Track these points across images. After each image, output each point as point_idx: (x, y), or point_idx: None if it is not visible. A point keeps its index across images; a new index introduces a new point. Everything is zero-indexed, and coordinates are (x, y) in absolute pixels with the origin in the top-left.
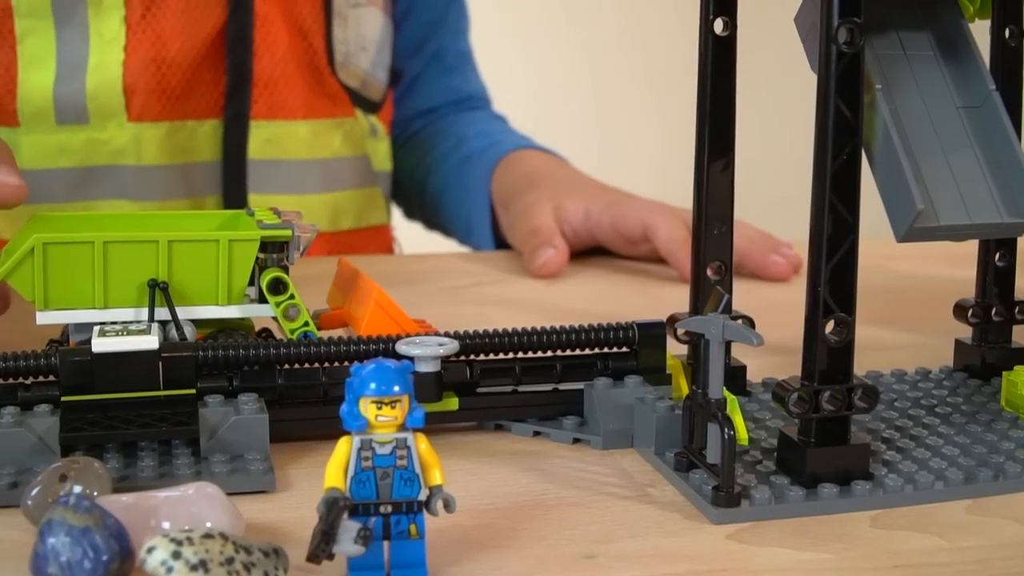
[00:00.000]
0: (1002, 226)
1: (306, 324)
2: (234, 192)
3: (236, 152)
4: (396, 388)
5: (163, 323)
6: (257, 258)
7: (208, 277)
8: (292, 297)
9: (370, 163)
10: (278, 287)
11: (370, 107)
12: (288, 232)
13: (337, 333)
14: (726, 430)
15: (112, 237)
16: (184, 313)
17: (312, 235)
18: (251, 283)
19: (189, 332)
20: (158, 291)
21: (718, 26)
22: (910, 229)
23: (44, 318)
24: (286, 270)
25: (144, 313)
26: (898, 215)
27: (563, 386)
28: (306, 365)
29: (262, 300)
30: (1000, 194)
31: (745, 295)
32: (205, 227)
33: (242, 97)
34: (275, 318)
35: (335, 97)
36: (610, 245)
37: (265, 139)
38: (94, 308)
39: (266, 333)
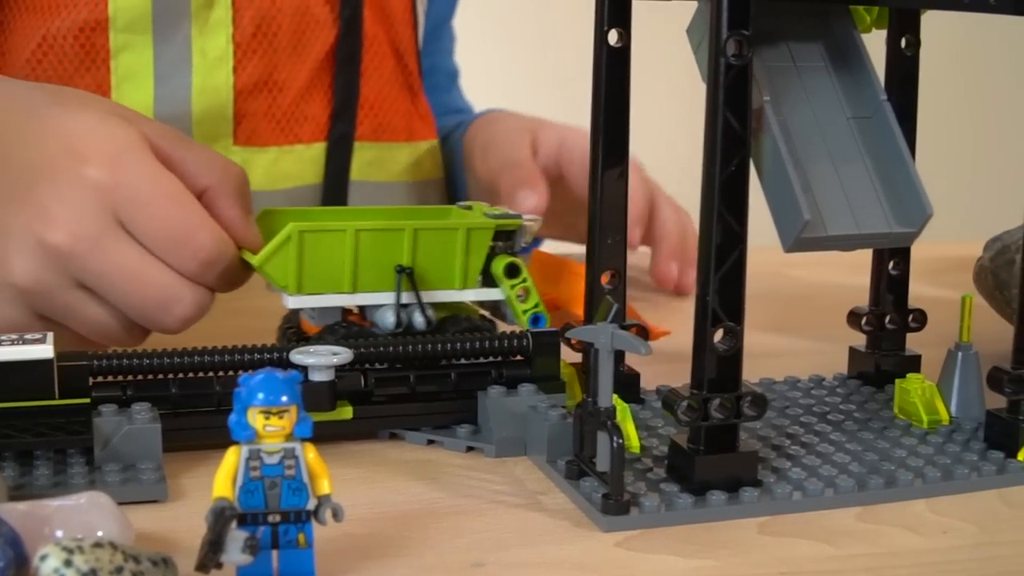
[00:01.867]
0: (891, 236)
1: (536, 306)
2: None
3: (338, 174)
4: (284, 398)
5: (404, 306)
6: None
7: (447, 263)
8: (524, 280)
9: (444, 184)
10: (513, 271)
11: None
12: (518, 221)
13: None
14: (615, 438)
15: (364, 225)
16: (425, 297)
17: (537, 224)
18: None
19: (431, 315)
20: (404, 276)
21: (612, 37)
22: (797, 239)
23: (295, 302)
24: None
25: (390, 297)
26: (786, 225)
27: (458, 395)
28: (200, 374)
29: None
30: (889, 204)
31: (644, 302)
32: (427, 218)
33: (348, 119)
34: (499, 304)
35: (426, 118)
36: (575, 179)
37: (367, 161)
38: (343, 292)
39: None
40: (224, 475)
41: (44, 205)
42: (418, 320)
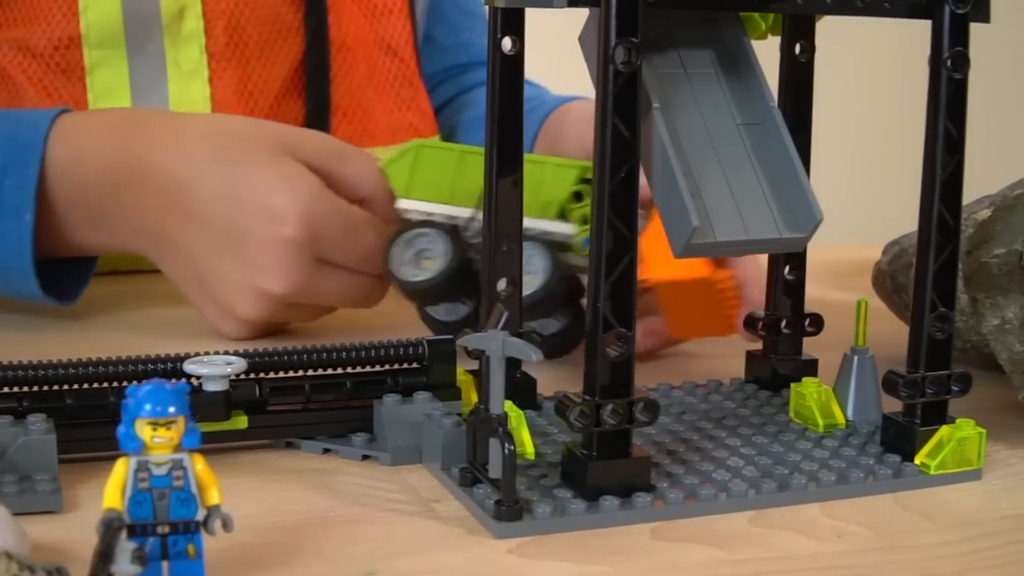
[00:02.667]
0: (781, 241)
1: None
2: None
3: None
4: (171, 409)
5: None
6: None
7: (532, 194)
8: (584, 206)
9: None
10: (578, 197)
11: None
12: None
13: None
14: (506, 445)
15: (468, 149)
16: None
17: None
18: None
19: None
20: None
21: (506, 44)
22: (687, 245)
23: (403, 204)
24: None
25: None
26: (675, 231)
27: (353, 403)
28: (95, 385)
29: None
30: (779, 209)
31: None
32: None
33: (322, 127)
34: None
35: (425, 114)
36: None
37: None
38: (442, 203)
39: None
40: (113, 486)
41: (256, 260)
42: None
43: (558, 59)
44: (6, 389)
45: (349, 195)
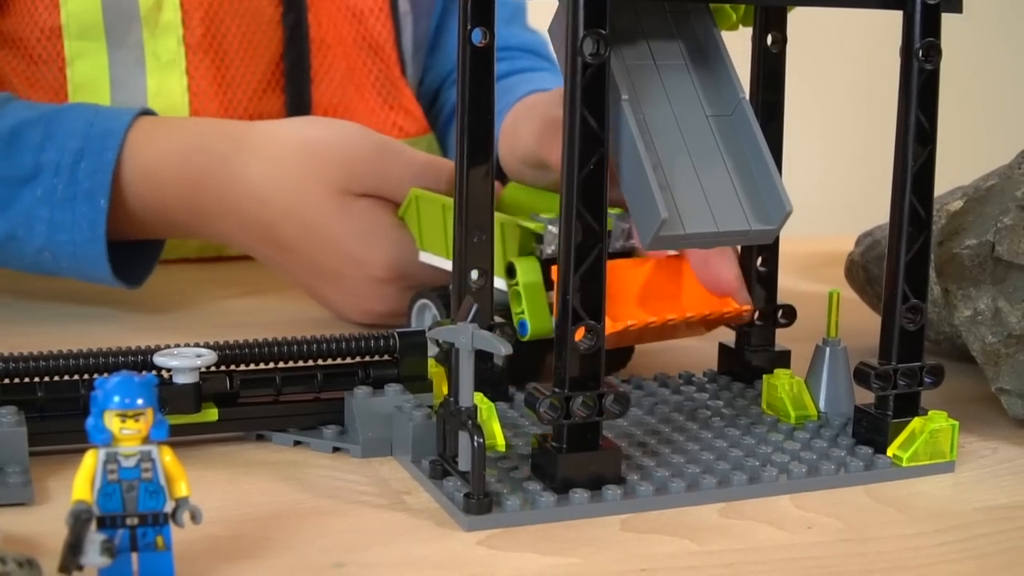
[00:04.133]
0: (750, 233)
1: (521, 312)
2: None
3: None
4: (140, 401)
5: None
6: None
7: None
8: (515, 284)
9: None
10: (510, 271)
11: None
12: (541, 226)
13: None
14: (475, 438)
15: (449, 202)
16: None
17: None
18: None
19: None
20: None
21: (476, 36)
22: (655, 237)
23: (422, 256)
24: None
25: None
26: (644, 223)
27: (324, 395)
28: (66, 377)
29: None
30: (748, 202)
31: None
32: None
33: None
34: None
35: (409, 113)
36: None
37: None
38: (443, 257)
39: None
40: (83, 478)
41: (355, 291)
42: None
43: None
44: None
45: (392, 200)
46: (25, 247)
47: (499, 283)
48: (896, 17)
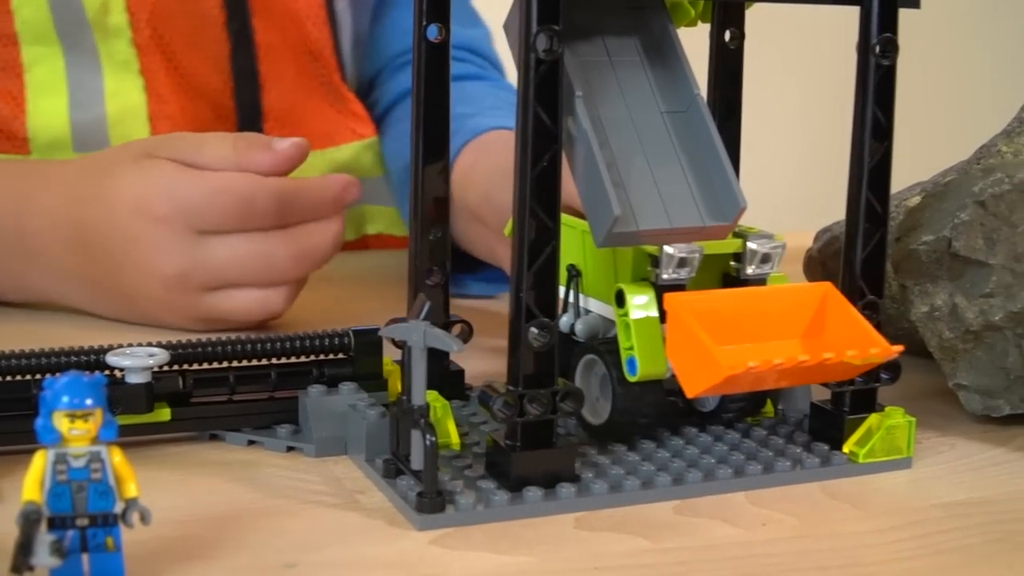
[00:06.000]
0: (705, 230)
1: (630, 348)
2: None
3: None
4: (88, 401)
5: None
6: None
7: (606, 274)
8: (624, 315)
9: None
10: (619, 299)
11: None
12: (656, 248)
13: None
14: (428, 436)
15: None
16: (583, 302)
17: (698, 257)
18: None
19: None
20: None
21: (432, 32)
22: (608, 234)
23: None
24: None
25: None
26: (597, 220)
27: (278, 394)
28: (17, 377)
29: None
30: (703, 198)
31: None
32: None
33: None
34: None
35: (360, 117)
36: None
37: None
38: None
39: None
40: (32, 479)
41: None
42: (577, 326)
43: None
44: None
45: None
46: None
47: (606, 310)
48: (855, 13)
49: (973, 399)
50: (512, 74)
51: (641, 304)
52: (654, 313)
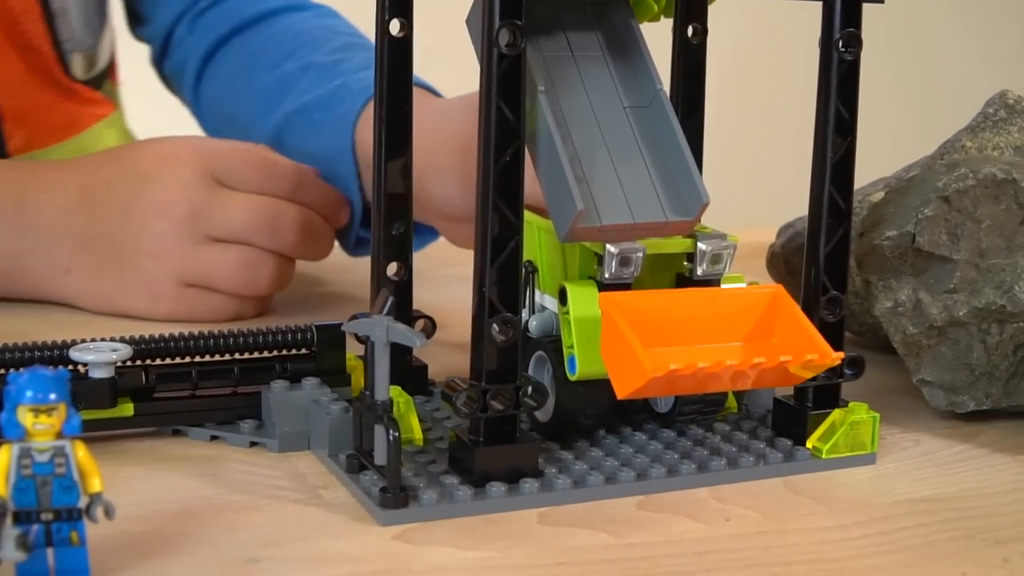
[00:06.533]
0: (667, 225)
1: (571, 347)
2: None
3: None
4: (52, 396)
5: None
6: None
7: (559, 273)
8: (567, 312)
9: None
10: (561, 297)
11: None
12: (600, 246)
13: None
14: (391, 431)
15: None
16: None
17: (640, 256)
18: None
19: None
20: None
21: (394, 27)
22: (571, 229)
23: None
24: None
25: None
26: (560, 216)
27: (241, 389)
28: None
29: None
30: (665, 193)
31: (441, 292)
32: None
33: None
34: None
35: (92, 99)
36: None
37: None
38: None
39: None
40: None
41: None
42: (532, 323)
43: (453, 42)
44: None
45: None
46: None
47: (552, 304)
48: (818, 8)
49: (937, 395)
50: None
51: (582, 302)
52: (596, 312)
